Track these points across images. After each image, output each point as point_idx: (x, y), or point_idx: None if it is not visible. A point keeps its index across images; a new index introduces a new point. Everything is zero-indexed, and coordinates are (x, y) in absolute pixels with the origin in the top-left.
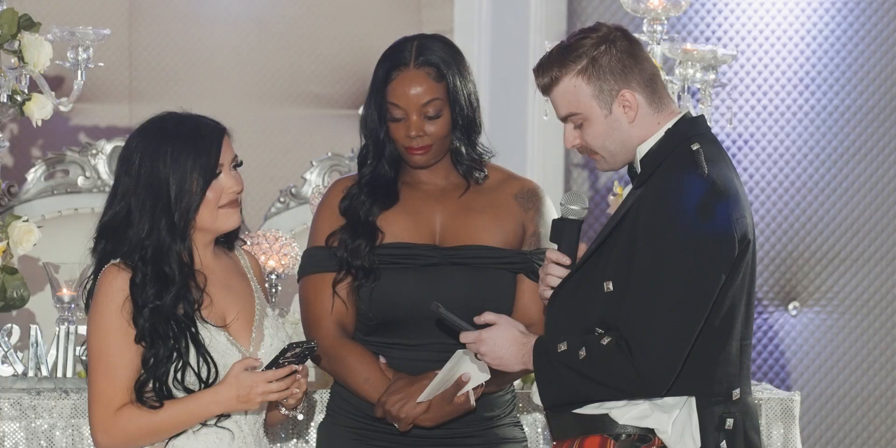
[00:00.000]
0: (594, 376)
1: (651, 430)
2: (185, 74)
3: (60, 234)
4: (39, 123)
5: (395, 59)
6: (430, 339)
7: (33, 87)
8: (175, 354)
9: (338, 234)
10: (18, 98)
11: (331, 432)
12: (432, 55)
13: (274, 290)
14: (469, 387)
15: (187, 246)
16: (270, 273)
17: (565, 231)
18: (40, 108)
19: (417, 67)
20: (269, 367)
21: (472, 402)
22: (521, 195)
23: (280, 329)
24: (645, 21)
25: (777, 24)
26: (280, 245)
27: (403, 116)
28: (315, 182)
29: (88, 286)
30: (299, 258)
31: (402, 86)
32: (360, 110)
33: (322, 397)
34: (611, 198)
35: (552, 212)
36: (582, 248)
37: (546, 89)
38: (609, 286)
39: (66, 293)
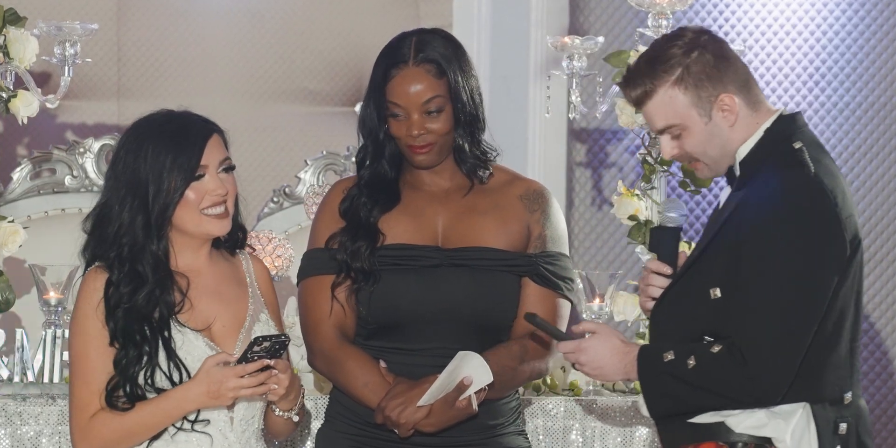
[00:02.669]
0: (705, 386)
1: (768, 439)
2: (175, 70)
3: (47, 235)
4: (25, 121)
5: (394, 56)
6: (430, 343)
7: (19, 83)
8: (146, 357)
9: (338, 237)
10: (4, 95)
11: (329, 439)
12: (432, 51)
13: None
14: (471, 391)
15: (163, 246)
16: None
17: (664, 239)
18: (26, 106)
19: (417, 64)
20: (239, 362)
21: (475, 406)
22: (527, 196)
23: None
24: (650, 15)
25: (786, 18)
26: (273, 246)
27: (404, 115)
28: (309, 181)
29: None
30: (293, 260)
31: (401, 84)
32: (357, 108)
33: (317, 404)
34: (615, 198)
35: (559, 213)
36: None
37: (639, 102)
38: (716, 293)
39: (52, 296)
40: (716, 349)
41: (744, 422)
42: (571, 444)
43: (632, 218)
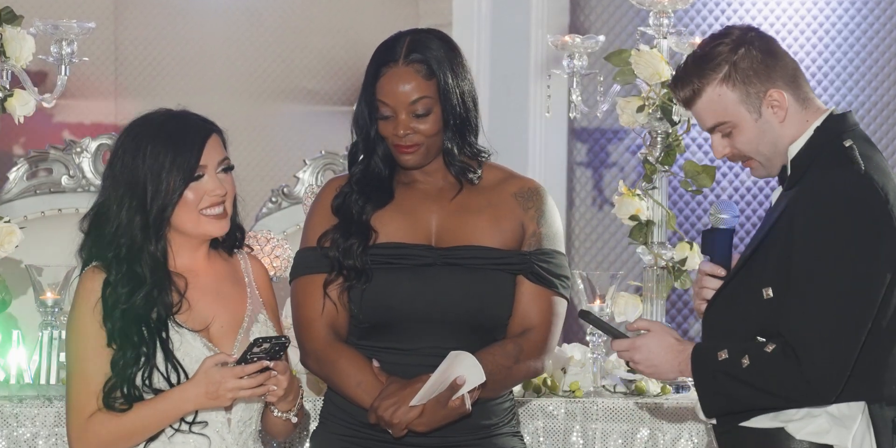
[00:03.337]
0: (759, 385)
1: (829, 446)
2: (172, 69)
3: (44, 235)
4: (22, 120)
5: (386, 54)
6: (423, 342)
7: (15, 82)
8: (143, 359)
9: (330, 234)
10: (0, 94)
11: (324, 440)
12: (425, 51)
13: None
14: (464, 390)
15: (161, 247)
16: None
17: (717, 241)
18: (22, 105)
19: (407, 64)
20: (238, 363)
21: (468, 405)
22: (521, 194)
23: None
24: (651, 14)
25: (788, 16)
26: (272, 246)
27: (391, 114)
28: (308, 181)
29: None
30: (291, 260)
31: (389, 83)
32: (356, 107)
33: (315, 405)
34: (616, 198)
35: (554, 211)
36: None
37: (688, 102)
38: (769, 292)
39: (49, 297)
40: (769, 348)
41: (804, 428)
42: (572, 445)
43: (633, 218)
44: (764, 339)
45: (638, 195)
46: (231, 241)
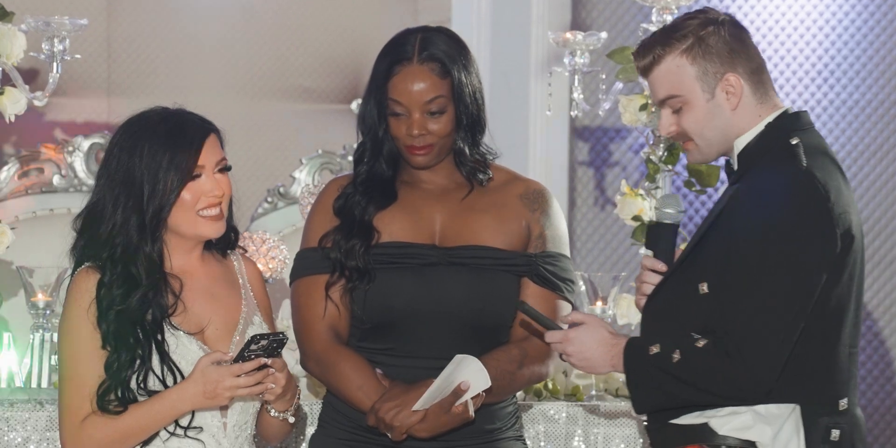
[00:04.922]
0: (690, 380)
1: (752, 443)
2: (166, 67)
3: (35, 236)
4: (13, 119)
5: (398, 53)
6: (425, 343)
7: (6, 80)
8: (139, 361)
9: (331, 235)
10: None
11: (323, 444)
12: (437, 49)
13: None
14: (468, 396)
15: (158, 248)
16: None
17: (661, 236)
18: (14, 103)
19: (421, 62)
20: (235, 361)
21: (471, 412)
22: (527, 195)
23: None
24: (654, 10)
25: (794, 13)
26: (268, 248)
27: (405, 114)
28: (305, 181)
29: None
30: (288, 261)
31: (404, 82)
32: (353, 105)
33: (313, 409)
34: (618, 198)
35: (559, 214)
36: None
37: (646, 70)
38: (704, 288)
39: (40, 299)
40: (701, 344)
41: (728, 423)
42: None
43: (635, 218)
44: (699, 335)
45: (640, 195)
46: (225, 243)
